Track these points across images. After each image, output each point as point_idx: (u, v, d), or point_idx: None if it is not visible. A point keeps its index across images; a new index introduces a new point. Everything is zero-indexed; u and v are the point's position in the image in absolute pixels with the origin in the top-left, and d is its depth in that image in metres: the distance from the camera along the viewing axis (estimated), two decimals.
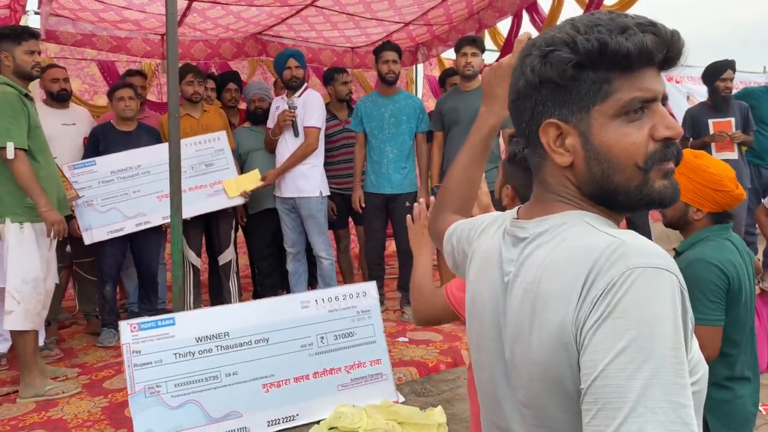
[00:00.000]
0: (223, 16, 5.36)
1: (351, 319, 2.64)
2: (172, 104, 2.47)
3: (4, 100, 2.94)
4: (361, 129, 4.32)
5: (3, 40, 3.10)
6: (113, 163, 3.85)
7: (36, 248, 3.04)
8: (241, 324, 2.48)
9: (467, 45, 4.10)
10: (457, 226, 1.16)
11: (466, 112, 4.02)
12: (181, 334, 2.40)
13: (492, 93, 1.23)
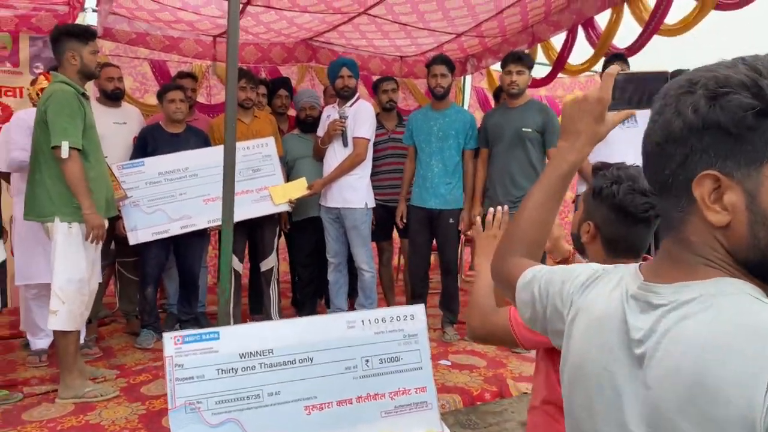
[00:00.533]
0: (276, 20, 5.35)
1: (397, 343, 2.54)
2: (230, 113, 2.43)
3: (64, 99, 2.94)
4: (411, 142, 4.25)
5: (71, 39, 3.10)
6: (161, 165, 3.84)
7: (83, 248, 3.04)
8: (285, 341, 2.41)
9: (512, 62, 3.99)
10: (537, 274, 1.05)
11: (510, 129, 3.94)
12: (224, 349, 2.34)
13: (573, 128, 1.12)
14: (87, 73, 3.17)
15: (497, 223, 1.72)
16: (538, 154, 3.93)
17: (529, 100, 4.08)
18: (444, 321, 4.19)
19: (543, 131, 3.91)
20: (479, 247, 1.69)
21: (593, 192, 1.49)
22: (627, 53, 5.03)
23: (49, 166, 2.98)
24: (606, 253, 1.48)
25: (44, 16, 5.08)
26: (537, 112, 3.95)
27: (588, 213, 1.51)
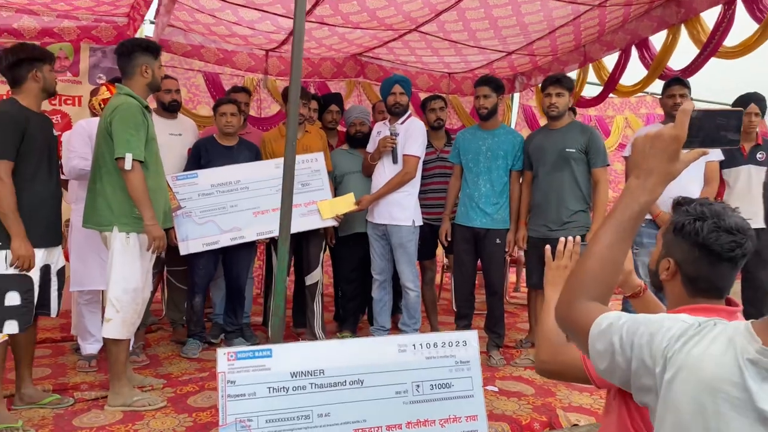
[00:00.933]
0: (328, 36, 5.41)
1: (449, 369, 2.50)
2: (290, 133, 2.44)
3: (129, 112, 3.01)
4: (458, 161, 4.22)
5: (144, 53, 3.17)
6: (214, 177, 3.90)
7: (139, 259, 3.09)
8: (336, 362, 2.39)
9: (552, 85, 3.96)
10: (616, 322, 1.00)
11: (553, 151, 3.91)
12: (276, 367, 2.33)
13: (646, 165, 1.09)
14: (155, 86, 3.27)
15: (568, 254, 1.69)
16: (583, 173, 3.90)
17: (571, 121, 4.06)
18: (489, 344, 4.12)
19: (587, 151, 3.88)
20: (549, 277, 1.67)
21: (674, 228, 1.44)
22: (682, 75, 4.91)
23: (110, 176, 3.04)
24: (687, 292, 1.42)
25: (104, 27, 5.23)
26: (579, 133, 3.93)
27: (668, 249, 1.46)
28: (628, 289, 1.74)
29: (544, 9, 4.80)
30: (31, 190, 2.88)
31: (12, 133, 2.79)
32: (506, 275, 4.38)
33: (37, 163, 2.91)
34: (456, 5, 4.72)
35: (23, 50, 2.99)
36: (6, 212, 2.77)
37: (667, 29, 4.99)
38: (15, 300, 2.80)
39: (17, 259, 2.78)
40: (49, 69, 3.02)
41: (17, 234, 2.78)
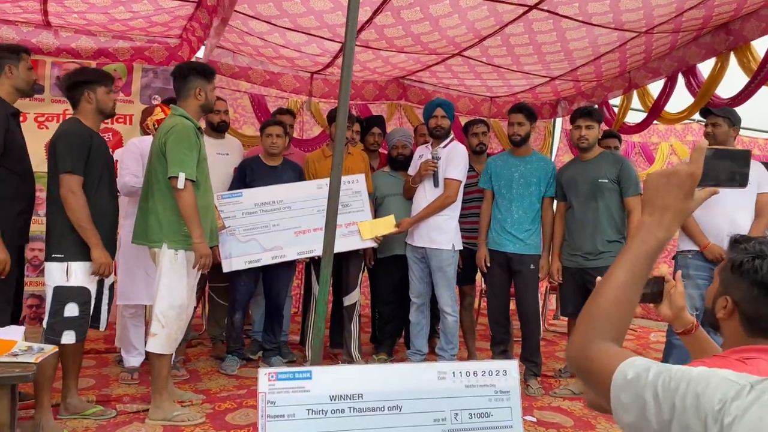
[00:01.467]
0: (372, 59, 5.48)
1: (488, 399, 2.46)
2: (337, 157, 2.48)
3: (184, 133, 3.11)
4: (489, 187, 4.22)
5: (199, 76, 3.28)
6: (258, 196, 3.98)
7: (185, 275, 3.16)
8: (375, 387, 2.38)
9: (581, 117, 3.96)
10: (645, 374, 0.93)
11: (586, 182, 3.91)
12: (316, 389, 2.33)
13: (660, 202, 1.06)
14: (208, 108, 3.39)
15: None
16: (616, 203, 3.89)
17: (602, 152, 4.06)
18: (527, 374, 4.06)
19: (619, 181, 3.88)
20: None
21: (732, 266, 1.41)
22: (731, 104, 4.82)
23: (162, 194, 3.14)
24: (745, 331, 1.38)
25: (157, 48, 5.41)
26: (611, 163, 3.92)
27: (725, 287, 1.43)
28: (680, 325, 1.71)
29: (589, 35, 4.78)
30: (93, 205, 3.00)
31: (79, 150, 2.95)
32: (538, 300, 4.32)
33: (98, 180, 3.06)
34: (500, 31, 4.74)
35: (79, 73, 3.16)
36: (82, 224, 2.91)
37: (715, 57, 4.92)
38: (74, 311, 2.92)
39: (99, 266, 2.94)
40: (105, 91, 3.14)
41: (96, 244, 2.94)
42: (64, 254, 2.92)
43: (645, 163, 7.27)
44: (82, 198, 2.92)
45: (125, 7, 4.69)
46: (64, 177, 2.92)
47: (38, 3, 4.59)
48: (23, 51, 3.23)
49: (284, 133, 4.18)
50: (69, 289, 2.92)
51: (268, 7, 4.50)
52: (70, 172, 2.92)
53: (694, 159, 1.05)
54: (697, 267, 3.73)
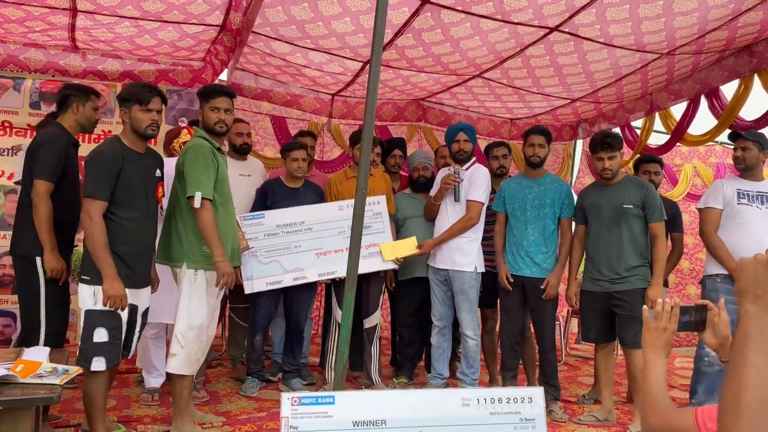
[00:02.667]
0: (392, 78, 5.52)
1: (513, 426, 2.41)
2: (361, 182, 2.48)
3: (199, 152, 3.14)
4: (502, 210, 4.19)
5: (199, 98, 3.38)
6: (280, 218, 3.99)
7: (205, 295, 3.16)
8: (398, 413, 2.35)
9: (602, 150, 3.88)
10: None
11: (609, 207, 3.87)
12: (339, 415, 2.31)
13: (762, 291, 1.07)
14: (209, 128, 3.37)
15: (667, 315, 1.64)
16: (640, 228, 3.84)
17: (625, 176, 4.01)
18: (548, 398, 3.98)
19: (643, 206, 3.83)
20: (648, 339, 1.65)
21: None
22: (755, 126, 4.77)
23: (183, 214, 3.16)
24: None
25: (181, 70, 5.48)
26: (635, 189, 3.87)
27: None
28: (725, 354, 1.68)
29: (610, 57, 4.77)
30: (121, 231, 2.90)
31: (107, 173, 2.84)
32: (555, 324, 4.25)
33: (131, 203, 2.93)
34: (521, 53, 4.75)
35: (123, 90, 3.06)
36: (97, 253, 2.79)
37: (738, 79, 4.88)
38: (103, 337, 2.82)
39: (108, 299, 2.79)
40: (139, 109, 2.96)
41: (108, 274, 2.79)
42: (92, 276, 2.83)
43: (669, 184, 7.18)
44: (100, 225, 2.80)
45: (150, 36, 4.79)
46: (85, 201, 2.84)
47: (66, 31, 4.70)
48: (92, 93, 3.42)
49: (308, 156, 4.20)
50: (97, 313, 2.83)
51: (290, 30, 4.57)
52: (90, 197, 2.82)
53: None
54: (726, 291, 3.66)
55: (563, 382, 4.55)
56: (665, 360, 1.62)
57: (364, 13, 4.25)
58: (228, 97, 3.40)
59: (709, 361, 3.77)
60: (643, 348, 1.65)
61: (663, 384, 1.54)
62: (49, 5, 4.27)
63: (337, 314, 4.22)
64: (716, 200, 3.92)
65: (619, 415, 3.95)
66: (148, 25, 4.61)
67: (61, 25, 4.59)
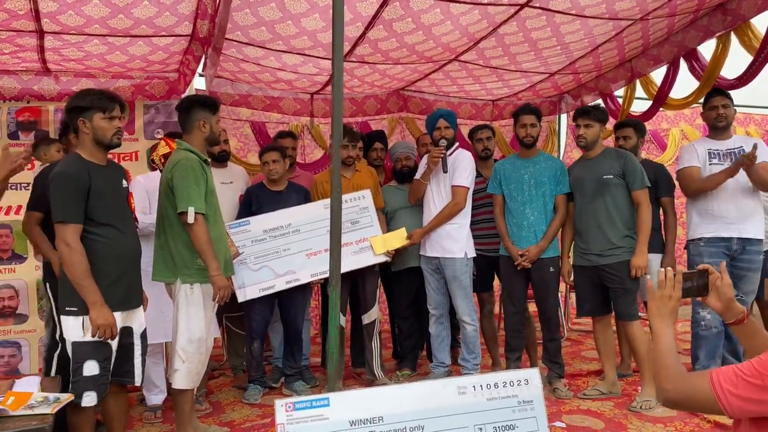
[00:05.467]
0: (369, 74, 5.48)
1: (512, 410, 2.42)
2: (335, 179, 2.45)
3: (189, 167, 3.09)
4: (499, 191, 4.17)
5: (203, 108, 3.27)
6: (265, 223, 3.97)
7: (202, 309, 3.15)
8: (395, 408, 2.35)
9: (580, 117, 3.96)
10: None
11: (591, 179, 3.87)
12: (335, 416, 2.31)
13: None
14: (213, 140, 3.36)
15: (670, 283, 1.70)
16: (624, 198, 3.84)
17: (605, 148, 4.01)
18: (551, 376, 3.99)
19: (623, 175, 3.82)
20: (654, 308, 1.71)
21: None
22: (737, 84, 4.74)
23: (173, 229, 3.13)
24: None
25: (157, 83, 5.45)
26: (614, 159, 3.88)
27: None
28: (730, 316, 1.74)
29: (584, 27, 4.73)
30: (105, 249, 2.73)
31: (74, 194, 2.62)
32: (558, 302, 4.25)
33: (109, 218, 2.75)
34: (494, 32, 4.71)
35: (74, 97, 2.83)
36: (79, 281, 2.61)
37: (715, 38, 4.84)
38: (94, 370, 2.66)
39: (97, 328, 2.62)
40: (102, 117, 2.75)
41: (93, 302, 2.62)
42: (78, 307, 2.65)
43: (658, 150, 7.16)
44: (78, 250, 2.61)
45: (121, 51, 4.74)
46: (57, 227, 2.63)
47: (36, 53, 4.66)
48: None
49: (282, 157, 4.16)
50: (86, 345, 2.66)
51: (260, 32, 4.52)
52: (62, 222, 2.62)
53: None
54: (711, 254, 3.67)
55: (566, 358, 4.54)
56: (673, 328, 1.68)
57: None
58: None
59: (705, 324, 3.77)
60: (650, 317, 1.71)
61: (674, 350, 1.61)
62: (14, 28, 4.22)
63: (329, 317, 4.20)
64: (693, 159, 3.94)
65: (624, 386, 3.95)
66: (117, 41, 4.56)
67: (30, 46, 4.54)
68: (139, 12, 4.10)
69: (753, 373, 1.38)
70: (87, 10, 3.99)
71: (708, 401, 1.44)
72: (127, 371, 2.89)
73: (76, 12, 4.00)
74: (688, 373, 1.54)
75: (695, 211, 3.92)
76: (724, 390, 1.41)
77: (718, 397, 1.42)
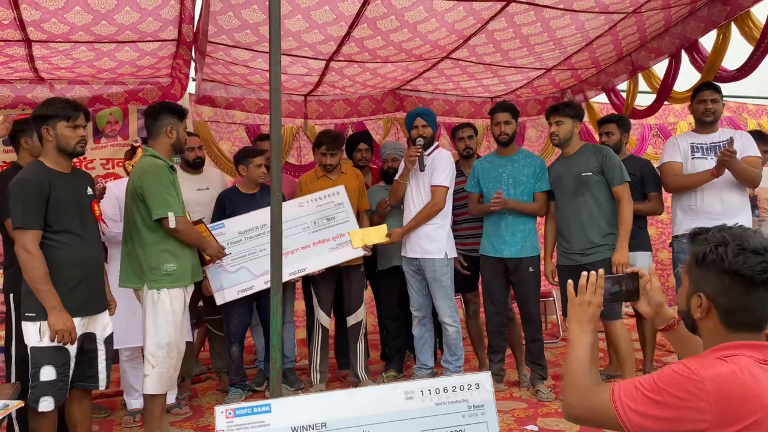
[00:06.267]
0: (360, 72, 5.43)
1: (461, 415, 2.34)
2: (275, 182, 2.42)
3: (160, 172, 3.12)
4: (476, 190, 4.10)
5: (171, 115, 3.30)
6: (240, 224, 3.98)
7: (170, 314, 3.15)
8: (340, 414, 2.30)
9: (551, 114, 3.87)
10: None
11: (570, 177, 3.78)
12: (277, 422, 2.26)
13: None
14: (179, 147, 3.38)
15: (591, 288, 1.62)
16: (604, 195, 3.72)
17: (583, 145, 3.91)
18: (534, 378, 3.90)
19: (602, 171, 3.71)
20: (573, 313, 1.63)
21: (696, 260, 1.37)
22: (738, 75, 4.60)
23: (139, 236, 3.15)
24: (725, 327, 1.34)
25: (150, 88, 5.49)
26: (592, 155, 3.77)
27: (695, 285, 1.38)
28: (661, 322, 1.66)
29: (575, 22, 4.62)
30: (64, 255, 2.74)
31: (35, 200, 2.65)
32: (539, 303, 4.14)
33: (67, 225, 2.76)
34: (483, 29, 4.63)
35: (40, 105, 2.85)
36: (37, 286, 2.63)
37: (716, 29, 4.69)
38: (50, 375, 2.66)
39: (56, 333, 2.63)
40: (66, 125, 2.78)
41: (52, 307, 2.63)
42: (36, 312, 2.66)
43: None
44: (37, 256, 2.63)
45: (109, 57, 4.78)
46: (17, 233, 2.67)
47: (26, 62, 4.73)
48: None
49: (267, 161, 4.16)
50: (43, 350, 2.66)
51: (245, 35, 4.52)
52: (21, 228, 2.64)
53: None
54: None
55: (559, 359, 4.44)
56: (592, 336, 1.58)
57: (314, 9, 4.19)
58: None
59: None
60: (569, 323, 1.65)
61: (587, 362, 1.52)
62: (1, 38, 4.29)
63: (320, 316, 4.17)
64: (674, 154, 3.82)
65: None
66: (104, 47, 4.61)
67: (19, 56, 4.61)
68: (121, 18, 4.12)
69: (652, 387, 1.29)
70: (70, 18, 4.02)
71: (608, 416, 1.36)
72: (90, 376, 2.89)
73: (59, 20, 4.04)
74: (594, 385, 1.46)
75: (679, 206, 3.80)
76: (624, 404, 1.32)
77: (617, 411, 1.33)
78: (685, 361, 1.31)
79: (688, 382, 1.24)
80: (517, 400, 3.77)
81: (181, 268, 3.19)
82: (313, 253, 3.96)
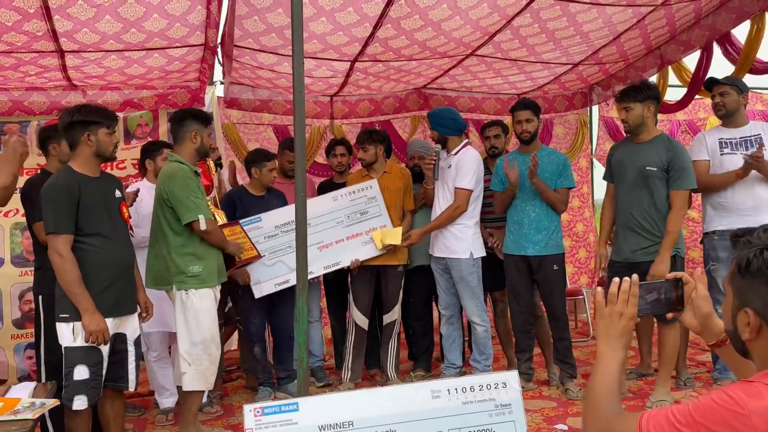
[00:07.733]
0: (384, 70, 5.44)
1: (488, 414, 2.33)
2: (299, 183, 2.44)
3: (187, 177, 3.21)
4: (500, 188, 4.07)
5: (195, 120, 3.37)
6: (276, 218, 4.03)
7: (200, 312, 3.22)
8: (366, 413, 2.31)
9: (618, 101, 3.79)
10: None
11: (633, 168, 3.58)
12: (304, 421, 2.28)
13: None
14: (203, 152, 3.45)
15: (623, 297, 1.38)
16: (663, 195, 3.52)
17: (658, 134, 3.66)
18: (563, 376, 3.86)
19: (668, 170, 3.49)
20: (601, 327, 1.39)
21: (739, 268, 1.16)
22: None
23: (166, 239, 3.23)
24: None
25: (179, 92, 5.58)
26: (663, 149, 3.53)
27: (741, 298, 1.17)
28: (710, 336, 1.42)
29: (602, 15, 4.55)
30: (95, 258, 2.80)
31: (65, 205, 2.72)
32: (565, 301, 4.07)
33: (98, 228, 2.81)
34: (508, 25, 4.60)
35: (78, 112, 2.89)
36: (71, 288, 2.69)
37: (749, 20, 4.58)
38: (84, 374, 2.72)
39: (90, 335, 2.70)
40: (107, 132, 2.88)
41: (86, 309, 2.69)
42: (70, 313, 2.72)
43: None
44: (70, 260, 2.69)
45: (139, 64, 4.88)
46: (49, 238, 2.74)
47: (59, 71, 4.85)
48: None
49: None
50: (77, 350, 2.73)
51: (271, 38, 4.57)
52: (54, 233, 2.71)
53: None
54: (725, 248, 3.43)
55: (590, 358, 4.39)
56: (622, 353, 1.36)
57: (339, 11, 4.21)
58: None
59: None
60: (597, 337, 1.43)
61: (614, 385, 1.33)
62: (36, 50, 4.41)
63: (355, 315, 4.18)
64: (701, 152, 3.71)
65: (642, 386, 3.79)
66: (134, 55, 4.71)
67: (53, 66, 4.74)
68: (150, 25, 4.20)
69: (688, 421, 1.10)
70: (101, 27, 4.11)
71: None
72: (121, 377, 2.94)
73: (90, 29, 4.13)
74: (618, 413, 1.28)
75: (709, 203, 3.71)
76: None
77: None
78: (729, 389, 1.10)
79: (731, 415, 1.05)
80: (546, 399, 3.74)
81: (206, 270, 3.26)
82: (347, 247, 4.03)
